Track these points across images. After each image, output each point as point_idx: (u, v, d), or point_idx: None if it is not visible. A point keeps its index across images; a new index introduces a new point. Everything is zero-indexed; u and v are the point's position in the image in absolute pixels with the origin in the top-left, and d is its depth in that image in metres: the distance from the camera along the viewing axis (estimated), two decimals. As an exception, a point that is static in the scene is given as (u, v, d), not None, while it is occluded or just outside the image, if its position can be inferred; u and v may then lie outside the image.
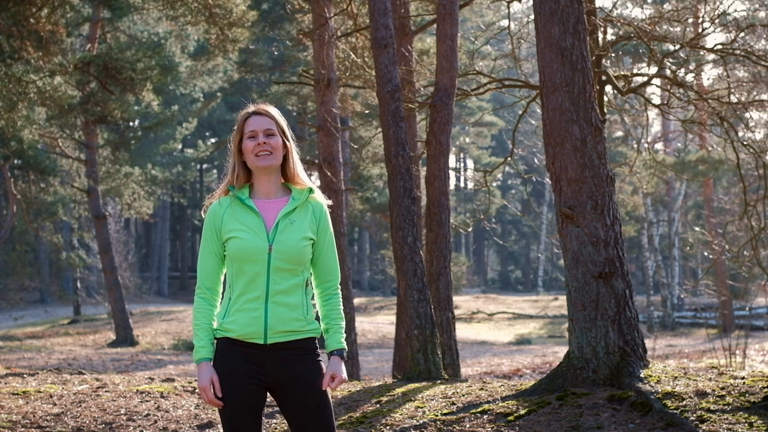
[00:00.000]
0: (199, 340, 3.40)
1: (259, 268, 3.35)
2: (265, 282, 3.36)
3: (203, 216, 3.52)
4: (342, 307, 3.53)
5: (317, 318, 3.51)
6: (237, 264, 3.38)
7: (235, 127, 3.49)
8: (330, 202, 3.56)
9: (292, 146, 3.49)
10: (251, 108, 3.50)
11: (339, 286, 3.54)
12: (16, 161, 22.85)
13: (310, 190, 3.48)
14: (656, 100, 16.24)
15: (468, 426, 5.93)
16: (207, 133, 45.66)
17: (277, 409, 6.54)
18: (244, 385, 3.35)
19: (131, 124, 27.58)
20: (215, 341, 3.41)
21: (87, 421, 6.68)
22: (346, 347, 3.48)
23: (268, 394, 3.45)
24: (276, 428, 6.38)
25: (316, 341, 3.47)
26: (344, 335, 3.51)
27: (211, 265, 3.44)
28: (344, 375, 3.41)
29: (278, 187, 3.48)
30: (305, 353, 3.40)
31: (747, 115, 15.24)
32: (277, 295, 3.36)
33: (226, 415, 3.36)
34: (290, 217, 3.42)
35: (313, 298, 3.51)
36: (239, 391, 3.34)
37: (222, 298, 3.48)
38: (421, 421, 6.13)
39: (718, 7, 11.55)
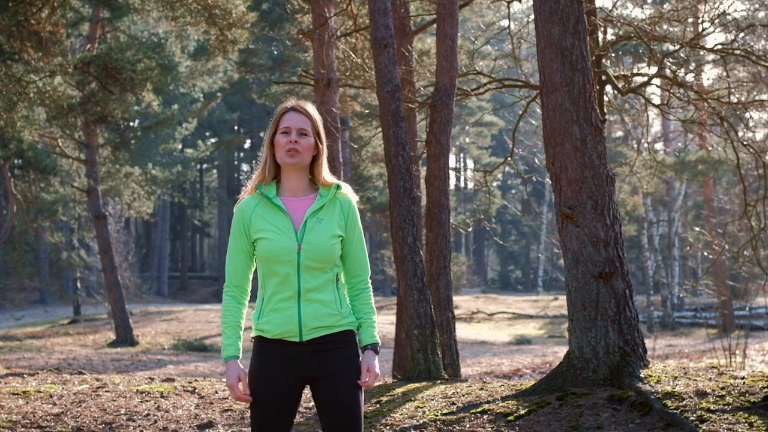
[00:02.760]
0: (227, 338, 3.39)
1: (289, 269, 3.34)
2: (296, 281, 3.34)
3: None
4: (373, 301, 3.51)
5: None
6: (267, 265, 3.37)
7: (272, 120, 3.47)
8: (358, 198, 3.54)
9: (323, 149, 3.49)
10: (290, 103, 3.49)
11: (369, 281, 3.52)
12: (16, 161, 22.84)
13: (338, 187, 3.46)
14: (656, 100, 16.23)
15: (468, 426, 5.93)
16: (207, 133, 45.73)
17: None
18: (276, 384, 3.33)
19: (131, 124, 27.59)
20: (251, 340, 3.42)
21: (87, 421, 6.68)
22: (379, 341, 3.46)
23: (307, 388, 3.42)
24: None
25: (354, 334, 3.44)
26: (377, 329, 3.49)
27: (239, 263, 3.43)
28: (378, 369, 3.39)
29: (306, 184, 3.47)
30: (343, 347, 3.38)
31: (747, 115, 15.23)
32: (309, 293, 3.35)
33: (255, 413, 3.36)
34: (318, 215, 3.40)
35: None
36: (271, 389, 3.33)
37: (256, 298, 3.47)
38: (421, 421, 6.13)
39: (718, 7, 11.55)
